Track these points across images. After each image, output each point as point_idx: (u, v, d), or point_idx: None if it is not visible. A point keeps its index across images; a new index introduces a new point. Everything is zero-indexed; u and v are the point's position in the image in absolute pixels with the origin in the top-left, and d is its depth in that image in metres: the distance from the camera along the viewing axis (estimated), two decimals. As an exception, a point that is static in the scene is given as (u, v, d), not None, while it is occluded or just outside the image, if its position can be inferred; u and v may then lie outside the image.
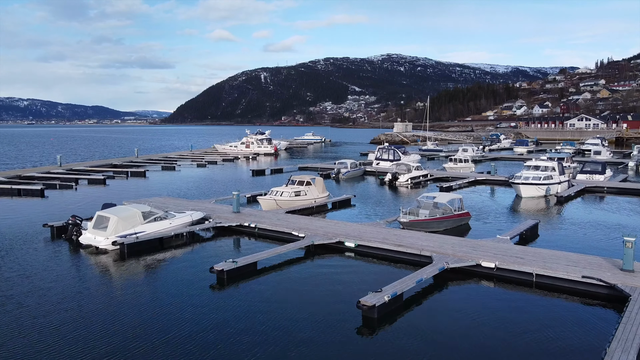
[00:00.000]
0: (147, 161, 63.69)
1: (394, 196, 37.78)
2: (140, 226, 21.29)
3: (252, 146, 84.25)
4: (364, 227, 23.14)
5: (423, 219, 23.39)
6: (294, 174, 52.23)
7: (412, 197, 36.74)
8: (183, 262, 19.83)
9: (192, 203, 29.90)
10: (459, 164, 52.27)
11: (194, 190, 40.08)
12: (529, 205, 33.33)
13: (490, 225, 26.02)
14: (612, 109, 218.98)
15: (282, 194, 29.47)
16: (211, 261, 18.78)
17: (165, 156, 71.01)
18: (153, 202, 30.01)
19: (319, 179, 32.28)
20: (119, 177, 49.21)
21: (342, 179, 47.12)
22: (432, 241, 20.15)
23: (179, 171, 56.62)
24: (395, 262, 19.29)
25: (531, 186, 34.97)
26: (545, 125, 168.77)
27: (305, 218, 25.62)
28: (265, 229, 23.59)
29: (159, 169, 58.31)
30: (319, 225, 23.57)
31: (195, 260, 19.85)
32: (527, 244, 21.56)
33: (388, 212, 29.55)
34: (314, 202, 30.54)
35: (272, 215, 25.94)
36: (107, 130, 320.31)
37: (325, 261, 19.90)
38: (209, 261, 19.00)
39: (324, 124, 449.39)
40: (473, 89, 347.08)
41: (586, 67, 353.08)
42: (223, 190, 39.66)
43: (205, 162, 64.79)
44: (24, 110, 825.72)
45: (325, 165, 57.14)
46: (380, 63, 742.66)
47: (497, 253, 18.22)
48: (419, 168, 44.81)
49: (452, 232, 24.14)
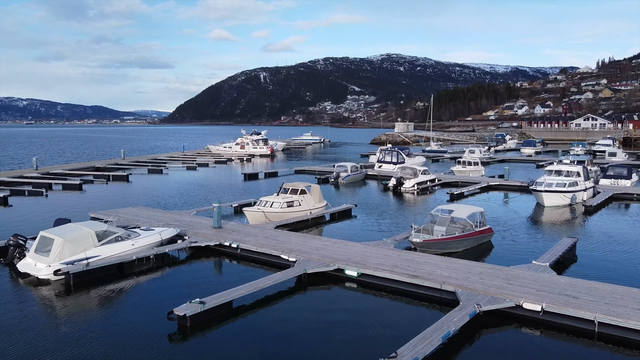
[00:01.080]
0: (134, 163, 59.66)
1: (400, 204, 33.75)
2: (94, 249, 17.29)
3: (247, 147, 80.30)
4: (368, 248, 19.13)
5: (440, 239, 19.39)
6: (289, 177, 48.49)
7: (420, 206, 32.77)
8: (142, 296, 15.82)
9: (169, 215, 25.89)
10: (467, 167, 48.27)
11: (177, 197, 36.05)
12: (554, 216, 29.36)
13: (518, 245, 21.98)
14: (615, 108, 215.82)
15: (272, 204, 25.44)
16: (177, 295, 14.82)
17: (154, 158, 66.97)
18: (124, 213, 26.02)
19: (315, 186, 28.24)
20: (99, 181, 45.15)
21: (341, 183, 43.14)
22: (455, 270, 16.16)
23: (166, 174, 52.61)
24: (410, 297, 15.30)
25: (555, 194, 30.98)
26: (548, 125, 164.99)
27: (297, 235, 21.59)
28: (249, 250, 19.59)
29: (145, 172, 54.28)
30: (313, 245, 19.56)
31: (158, 295, 15.84)
32: (567, 271, 17.61)
33: (395, 227, 25.55)
34: (310, 213, 26.54)
35: (259, 232, 21.93)
36: (104, 130, 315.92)
37: (320, 296, 15.92)
38: (175, 294, 15.05)
39: (324, 123, 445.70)
40: (473, 89, 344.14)
41: (587, 66, 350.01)
42: (209, 197, 35.64)
43: (196, 164, 60.75)
44: (23, 110, 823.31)
45: (323, 168, 53.13)
46: (379, 63, 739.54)
47: (540, 289, 14.24)
48: (425, 172, 40.80)
49: (474, 253, 20.16)
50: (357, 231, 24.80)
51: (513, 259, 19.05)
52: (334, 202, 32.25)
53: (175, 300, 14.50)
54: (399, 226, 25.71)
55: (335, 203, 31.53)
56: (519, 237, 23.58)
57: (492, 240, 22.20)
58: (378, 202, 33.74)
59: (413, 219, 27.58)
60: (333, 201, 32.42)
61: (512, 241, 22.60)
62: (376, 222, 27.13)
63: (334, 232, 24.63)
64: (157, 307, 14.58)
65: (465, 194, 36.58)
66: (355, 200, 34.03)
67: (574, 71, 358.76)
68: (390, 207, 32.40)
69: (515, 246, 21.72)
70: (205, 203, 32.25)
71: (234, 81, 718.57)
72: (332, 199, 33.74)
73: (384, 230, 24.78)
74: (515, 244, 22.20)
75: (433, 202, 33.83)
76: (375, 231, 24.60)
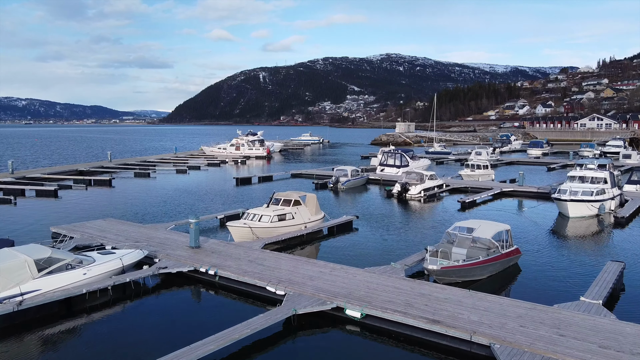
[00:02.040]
0: (121, 166, 56.16)
1: (406, 215, 30.29)
2: (32, 282, 13.84)
3: (243, 148, 76.85)
4: (374, 277, 15.69)
5: (461, 266, 15.95)
6: (285, 182, 44.97)
7: (429, 216, 29.33)
8: (94, 342, 12.38)
9: (142, 230, 22.42)
10: (476, 171, 44.81)
11: (158, 206, 32.58)
12: (581, 229, 25.94)
13: (553, 270, 18.46)
14: (617, 108, 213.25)
15: (260, 218, 21.96)
16: (137, 341, 11.43)
17: (143, 160, 63.47)
18: (90, 227, 22.57)
19: (310, 196, 24.72)
20: (78, 187, 41.64)
21: (341, 189, 39.71)
22: (486, 311, 12.71)
23: (153, 178, 49.15)
24: (430, 350, 11.87)
25: (581, 203, 27.55)
26: (551, 125, 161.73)
27: (288, 259, 18.11)
28: (229, 278, 16.15)
29: (132, 175, 50.81)
30: (307, 273, 16.11)
31: (113, 340, 12.39)
32: (623, 310, 14.19)
33: (404, 245, 22.11)
34: (304, 227, 23.08)
35: (243, 253, 18.48)
36: (102, 130, 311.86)
37: (314, 345, 12.49)
38: (134, 340, 11.65)
39: (323, 123, 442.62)
40: (474, 89, 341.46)
41: (588, 66, 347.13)
42: (195, 206, 32.22)
43: (187, 167, 57.31)
44: (22, 110, 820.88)
45: (322, 171, 49.67)
46: (379, 63, 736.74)
47: (604, 344, 10.80)
48: (433, 177, 37.35)
49: (500, 281, 16.77)
50: (359, 250, 21.33)
51: (551, 291, 15.66)
52: (333, 212, 28.82)
53: (134, 348, 11.10)
54: (408, 244, 22.27)
55: (334, 213, 28.10)
56: (550, 258, 20.10)
57: (520, 262, 18.78)
58: (382, 212, 30.26)
59: (423, 235, 24.17)
60: (332, 211, 29.00)
61: (544, 265, 19.10)
62: (381, 238, 23.67)
63: (333, 252, 21.20)
64: (114, 356, 11.16)
65: (477, 202, 33.16)
66: (356, 209, 30.61)
67: (574, 71, 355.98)
68: (395, 218, 28.93)
69: (550, 272, 18.25)
70: (188, 213, 28.80)
71: (233, 81, 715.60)
72: (330, 208, 30.33)
73: (390, 250, 21.32)
74: (548, 268, 18.73)
75: (443, 212, 30.40)
76: (381, 251, 21.11)
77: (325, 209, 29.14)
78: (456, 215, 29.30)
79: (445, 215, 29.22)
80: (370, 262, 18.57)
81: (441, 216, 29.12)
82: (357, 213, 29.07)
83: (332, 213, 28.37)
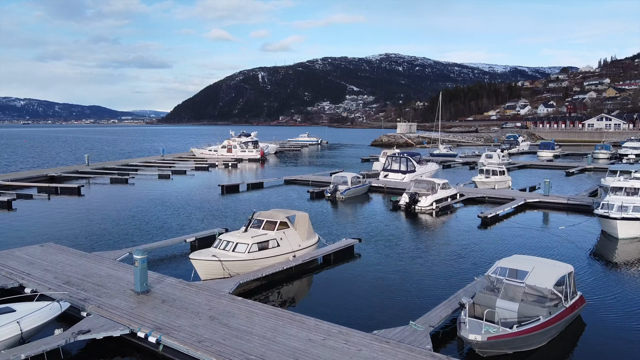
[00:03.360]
0: (98, 171, 51.08)
1: (418, 234, 25.25)
2: None
3: (235, 150, 71.81)
4: (387, 350, 10.66)
5: (517, 333, 10.90)
6: (277, 190, 39.90)
7: (446, 237, 24.30)
8: None
9: (83, 262, 17.35)
10: (492, 178, 39.78)
11: (121, 223, 27.49)
12: (634, 252, 20.98)
13: (628, 331, 13.45)
14: (621, 108, 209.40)
15: (235, 247, 16.89)
16: None
17: (125, 164, 58.36)
18: (18, 257, 17.56)
19: (301, 215, 19.58)
20: (40, 196, 36.52)
21: (340, 199, 34.74)
22: None
23: (131, 185, 44.11)
24: None
25: (635, 222, 22.55)
26: (554, 126, 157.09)
27: (266, 314, 12.94)
28: (177, 351, 11.12)
29: (108, 181, 45.77)
30: (289, 342, 11.08)
31: None
32: None
33: (424, 283, 17.06)
34: (292, 257, 18.06)
35: (205, 304, 13.44)
36: (97, 130, 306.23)
37: None
38: None
39: (322, 123, 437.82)
40: (474, 88, 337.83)
41: (588, 65, 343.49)
42: (167, 223, 27.21)
43: (171, 172, 52.28)
44: (21, 110, 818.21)
45: (318, 177, 44.66)
46: (378, 63, 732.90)
47: None
48: (445, 186, 32.32)
49: (562, 347, 11.77)
50: (363, 293, 16.23)
51: None
52: (330, 231, 23.84)
53: None
54: (427, 281, 17.26)
55: (332, 234, 23.13)
56: (621, 304, 15.05)
57: (584, 314, 13.76)
58: (389, 231, 25.19)
59: (445, 265, 19.15)
60: (328, 230, 24.03)
61: (610, 317, 14.07)
62: (391, 270, 18.59)
63: (329, 294, 16.20)
64: None
65: (500, 216, 28.15)
66: (357, 227, 25.59)
67: (575, 71, 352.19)
68: (406, 239, 23.86)
69: (619, 329, 13.16)
70: (153, 235, 23.82)
71: (232, 81, 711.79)
72: (327, 226, 25.33)
73: (405, 290, 16.27)
74: (617, 321, 13.68)
75: (461, 231, 25.37)
76: (392, 294, 16.03)
77: (320, 227, 24.20)
78: (478, 235, 24.34)
79: (465, 235, 24.22)
80: (380, 317, 13.57)
81: (461, 236, 24.11)
82: (360, 231, 24.12)
83: (329, 233, 23.42)
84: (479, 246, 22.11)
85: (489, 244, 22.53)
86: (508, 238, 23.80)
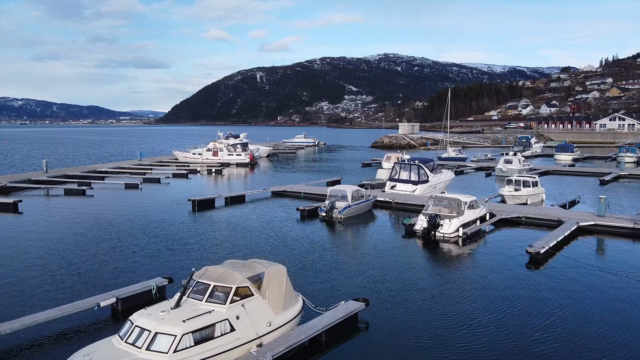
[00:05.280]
0: (56, 179, 43.76)
1: (447, 282, 17.95)
2: None
3: (221, 153, 64.59)
4: None
5: None
6: (263, 204, 32.28)
7: (484, 286, 17.08)
8: None
9: None
10: (523, 190, 32.61)
11: (29, 266, 20.26)
12: None
13: None
14: (627, 107, 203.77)
15: (152, 340, 9.66)
16: None
17: (93, 170, 50.96)
18: None
19: (274, 272, 12.01)
20: (-39, 215, 29.30)
21: (338, 219, 27.56)
22: None
23: (89, 197, 36.91)
24: None
25: None
26: (560, 126, 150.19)
27: None
28: None
29: (62, 192, 38.52)
30: None
31: None
32: None
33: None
34: (257, 347, 10.81)
35: None
36: (91, 131, 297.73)
37: None
38: None
39: (321, 124, 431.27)
40: (475, 88, 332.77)
41: (589, 65, 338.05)
42: (92, 264, 19.96)
43: (142, 180, 45.11)
44: (19, 110, 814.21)
45: (313, 188, 37.48)
46: (377, 63, 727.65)
47: None
48: (473, 204, 25.12)
49: None
50: None
51: None
52: (322, 281, 16.65)
53: None
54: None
55: (323, 286, 15.94)
56: None
57: None
58: (407, 277, 17.88)
59: (496, 353, 11.86)
60: (319, 279, 16.84)
61: None
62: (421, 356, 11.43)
63: None
64: None
65: (550, 249, 20.84)
66: (361, 268, 18.32)
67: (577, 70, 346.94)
68: (433, 294, 16.56)
69: None
70: (62, 288, 16.58)
71: (230, 81, 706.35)
72: (316, 271, 18.06)
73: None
74: None
75: (506, 277, 18.06)
76: None
77: (306, 275, 16.97)
78: (531, 280, 17.14)
79: (515, 285, 16.95)
80: None
81: (510, 286, 16.84)
82: (365, 280, 16.92)
83: (321, 287, 16.19)
84: (530, 293, 15.04)
85: (554, 302, 15.30)
86: (571, 282, 16.67)
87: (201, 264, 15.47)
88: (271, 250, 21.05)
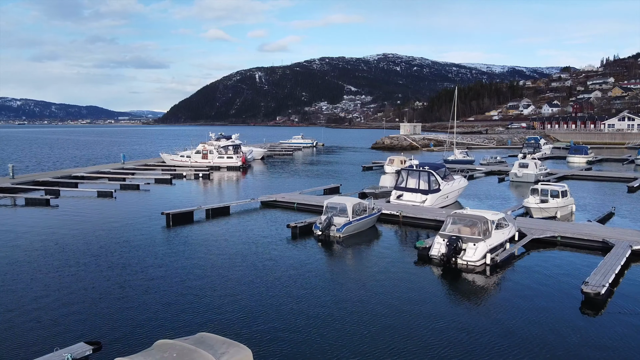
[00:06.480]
0: (22, 186, 39.15)
1: (483, 338, 13.36)
2: None
3: (211, 156, 60.04)
4: None
5: None
6: (250, 217, 27.29)
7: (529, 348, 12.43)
8: None
9: None
10: (551, 202, 27.99)
11: None
12: None
13: None
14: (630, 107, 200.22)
15: None
16: None
17: (67, 175, 46.26)
18: None
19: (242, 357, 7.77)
20: None
21: (336, 238, 23.00)
22: None
23: (54, 207, 32.39)
24: None
25: None
26: (565, 126, 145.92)
27: None
28: None
29: (23, 202, 33.94)
30: None
31: None
32: None
33: None
34: None
35: None
36: (87, 131, 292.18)
37: None
38: None
39: (320, 124, 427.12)
40: (475, 88, 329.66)
41: (590, 65, 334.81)
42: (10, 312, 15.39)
43: (118, 186, 40.59)
44: (17, 110, 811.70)
45: (307, 197, 32.89)
46: (376, 63, 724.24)
47: None
48: (501, 224, 20.52)
49: None
50: None
51: None
52: (312, 341, 12.07)
53: None
54: None
55: (314, 351, 11.36)
56: None
57: None
58: (424, 333, 13.37)
59: None
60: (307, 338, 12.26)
61: None
62: None
63: None
64: None
65: (610, 281, 16.20)
66: (368, 321, 13.66)
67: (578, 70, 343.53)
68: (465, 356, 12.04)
69: None
70: None
71: (229, 81, 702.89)
72: (309, 311, 13.42)
73: None
74: None
75: (559, 327, 13.42)
76: None
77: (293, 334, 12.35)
78: (594, 335, 12.55)
79: (575, 343, 12.38)
80: None
81: (567, 345, 12.26)
82: (375, 327, 12.32)
83: (310, 348, 11.59)
84: None
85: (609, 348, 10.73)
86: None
87: (136, 326, 10.94)
88: (247, 291, 16.45)
